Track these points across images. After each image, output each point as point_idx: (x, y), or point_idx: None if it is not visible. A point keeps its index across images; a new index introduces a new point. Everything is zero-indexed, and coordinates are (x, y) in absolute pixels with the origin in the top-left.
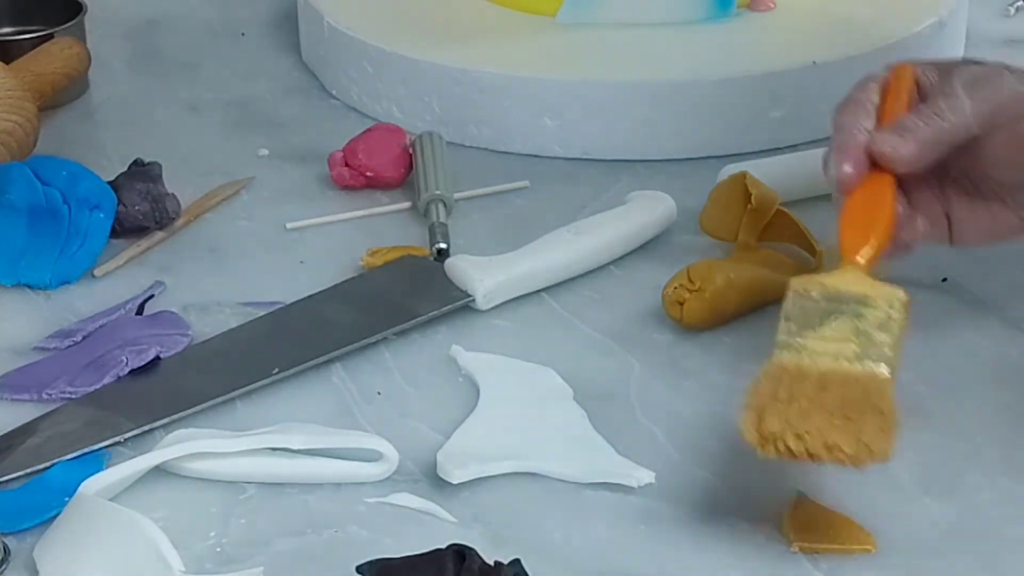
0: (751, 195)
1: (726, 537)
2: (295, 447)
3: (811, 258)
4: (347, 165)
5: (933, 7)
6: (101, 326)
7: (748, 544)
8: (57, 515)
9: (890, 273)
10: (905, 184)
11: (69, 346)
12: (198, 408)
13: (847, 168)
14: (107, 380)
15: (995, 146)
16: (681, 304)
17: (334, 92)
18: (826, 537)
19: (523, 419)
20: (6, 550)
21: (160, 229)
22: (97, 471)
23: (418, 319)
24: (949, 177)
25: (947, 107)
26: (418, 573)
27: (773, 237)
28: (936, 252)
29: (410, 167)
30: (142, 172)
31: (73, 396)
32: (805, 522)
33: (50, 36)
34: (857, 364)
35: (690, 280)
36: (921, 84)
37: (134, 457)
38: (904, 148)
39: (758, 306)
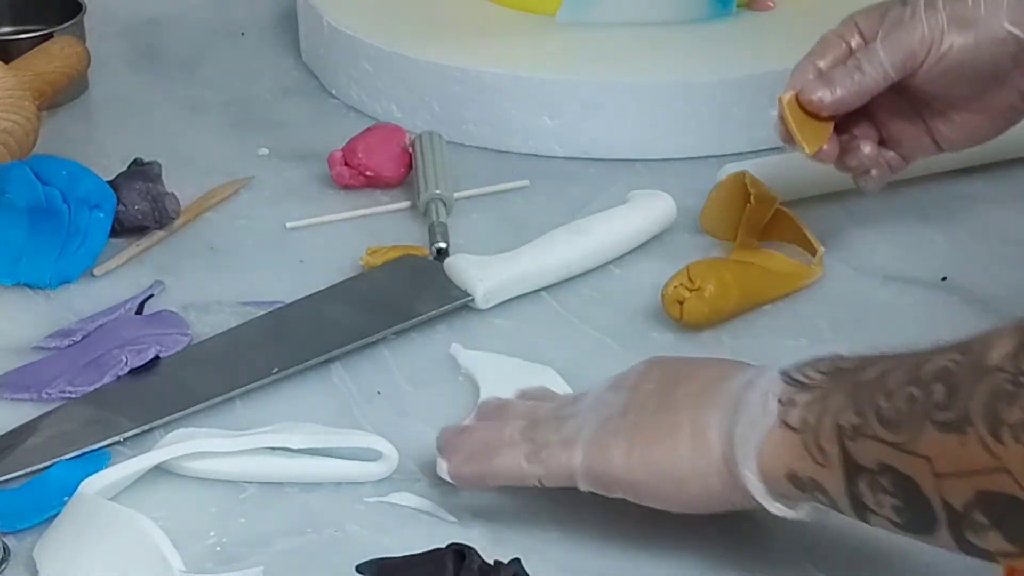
0: (751, 195)
1: (726, 537)
2: (295, 447)
3: (811, 258)
4: (347, 164)
5: None
6: (101, 325)
7: (748, 544)
8: (57, 515)
9: (890, 272)
10: (878, 116)
11: (69, 346)
12: (198, 408)
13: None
14: (107, 379)
15: (925, 83)
16: (681, 304)
17: (334, 92)
18: None
19: None
20: (6, 550)
21: (160, 228)
22: (97, 471)
23: (418, 318)
24: (916, 101)
25: (865, 60)
26: (418, 573)
27: (773, 237)
28: (936, 252)
29: (410, 166)
30: (142, 171)
31: (73, 396)
32: None
33: (50, 36)
34: None
35: (690, 280)
36: (864, 34)
37: (134, 457)
38: (828, 97)
39: (758, 306)
